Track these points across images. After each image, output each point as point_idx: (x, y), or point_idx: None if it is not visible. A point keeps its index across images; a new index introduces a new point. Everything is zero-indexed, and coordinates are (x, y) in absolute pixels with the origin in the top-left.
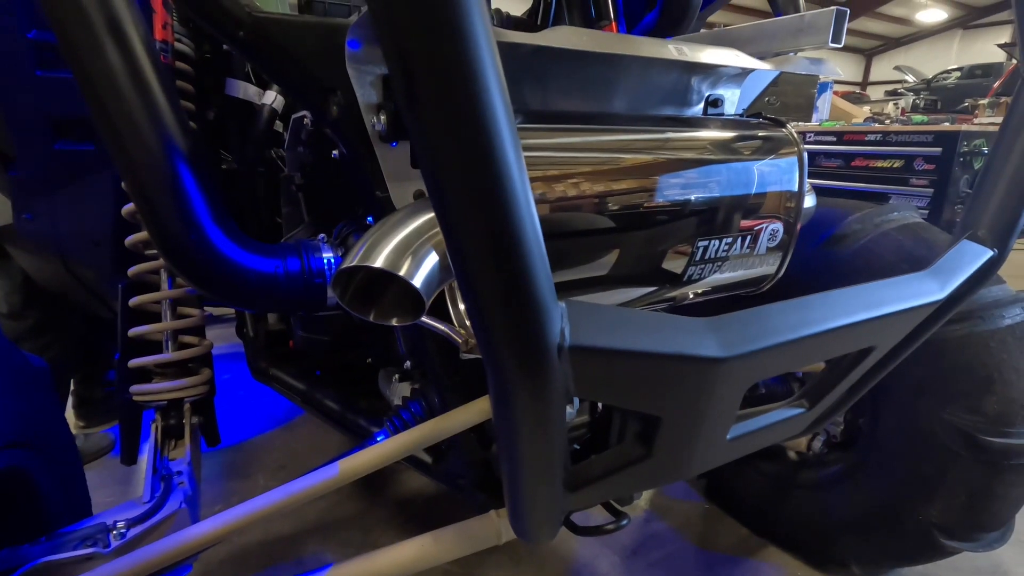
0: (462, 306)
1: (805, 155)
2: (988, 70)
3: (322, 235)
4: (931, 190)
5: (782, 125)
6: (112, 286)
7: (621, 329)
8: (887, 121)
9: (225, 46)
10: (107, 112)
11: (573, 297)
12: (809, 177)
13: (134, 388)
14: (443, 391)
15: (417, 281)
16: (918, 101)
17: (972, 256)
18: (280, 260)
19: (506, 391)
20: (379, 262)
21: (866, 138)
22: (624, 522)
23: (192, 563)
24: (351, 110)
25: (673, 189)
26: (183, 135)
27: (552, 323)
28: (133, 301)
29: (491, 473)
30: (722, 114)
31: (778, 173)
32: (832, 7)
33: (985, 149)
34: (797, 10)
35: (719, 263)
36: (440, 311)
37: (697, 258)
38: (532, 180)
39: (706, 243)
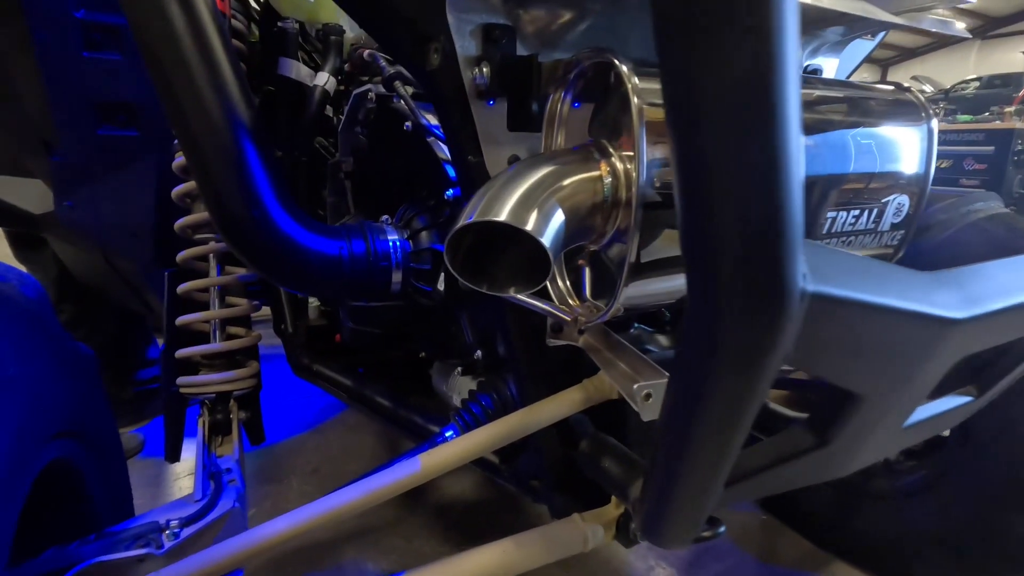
0: (561, 284)
1: (936, 124)
2: (1008, 80)
3: (385, 216)
4: (982, 191)
5: (907, 90)
6: (150, 278)
7: (863, 277)
8: None
9: (279, 23)
10: (169, 77)
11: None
12: None
13: (181, 380)
14: (524, 382)
15: (546, 239)
16: (936, 111)
17: None
18: (344, 241)
19: (712, 347)
20: (504, 215)
21: None
22: (721, 529)
23: (243, 569)
24: (449, 63)
25: (809, 153)
26: (247, 107)
27: (797, 260)
28: (182, 288)
29: (574, 473)
30: None
31: (907, 142)
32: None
33: None
34: None
35: (844, 237)
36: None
37: (823, 231)
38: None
39: (834, 215)
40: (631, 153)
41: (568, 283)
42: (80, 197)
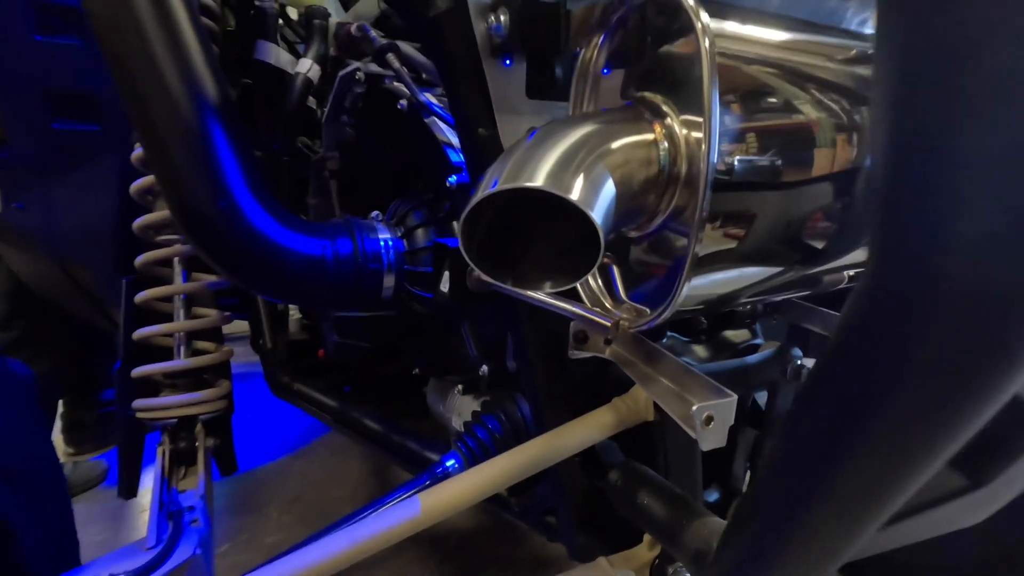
0: (594, 281)
1: None
2: None
3: (375, 212)
4: None
5: None
6: (112, 289)
7: None
8: None
9: (257, 3)
10: (117, 40)
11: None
12: None
13: (137, 403)
14: (543, 402)
15: (597, 214)
16: None
17: None
18: (328, 240)
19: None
20: (540, 180)
21: None
22: None
23: None
24: (458, 7)
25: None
26: (214, 83)
27: None
28: (139, 296)
29: (598, 508)
30: None
31: None
32: None
33: None
34: None
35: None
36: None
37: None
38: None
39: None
40: (695, 118)
41: (600, 281)
42: (32, 198)
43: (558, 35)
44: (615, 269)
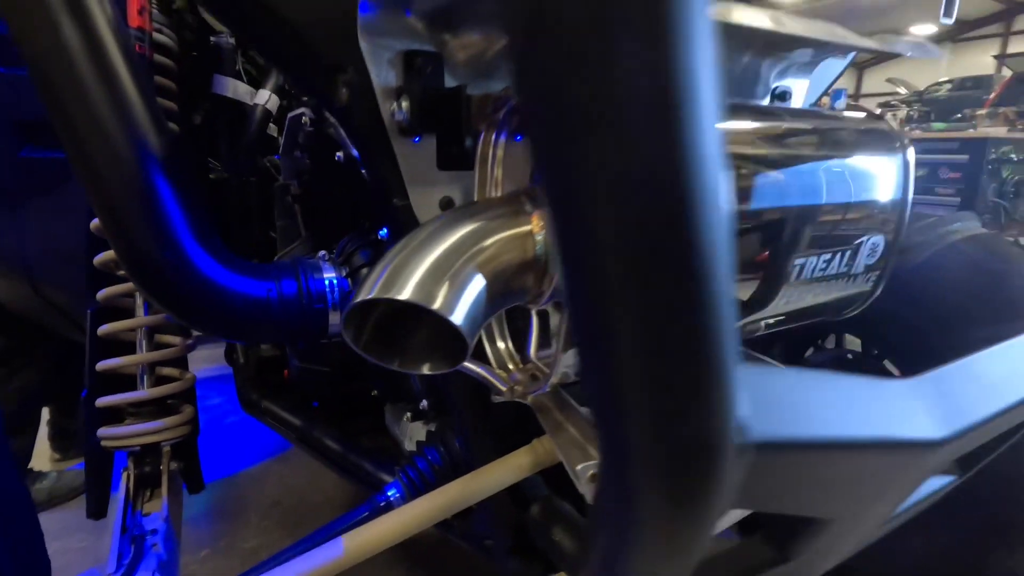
0: (501, 344)
1: (912, 154)
2: (979, 82)
3: (322, 252)
4: (958, 199)
5: (881, 118)
6: (86, 310)
7: (821, 405)
8: (907, 128)
9: (212, 39)
10: (61, 101)
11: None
12: None
13: (102, 431)
14: (470, 441)
15: (458, 317)
16: (912, 113)
17: None
18: (273, 282)
19: (626, 537)
20: (406, 293)
21: None
22: None
23: None
24: (364, 96)
25: (768, 194)
26: (157, 133)
27: (731, 409)
28: (103, 329)
29: (527, 538)
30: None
31: (882, 176)
32: None
33: (1014, 156)
34: None
35: (814, 284)
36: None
37: (793, 279)
38: None
39: (803, 260)
40: None
41: (509, 343)
42: (2, 224)
43: (460, 118)
44: (534, 329)
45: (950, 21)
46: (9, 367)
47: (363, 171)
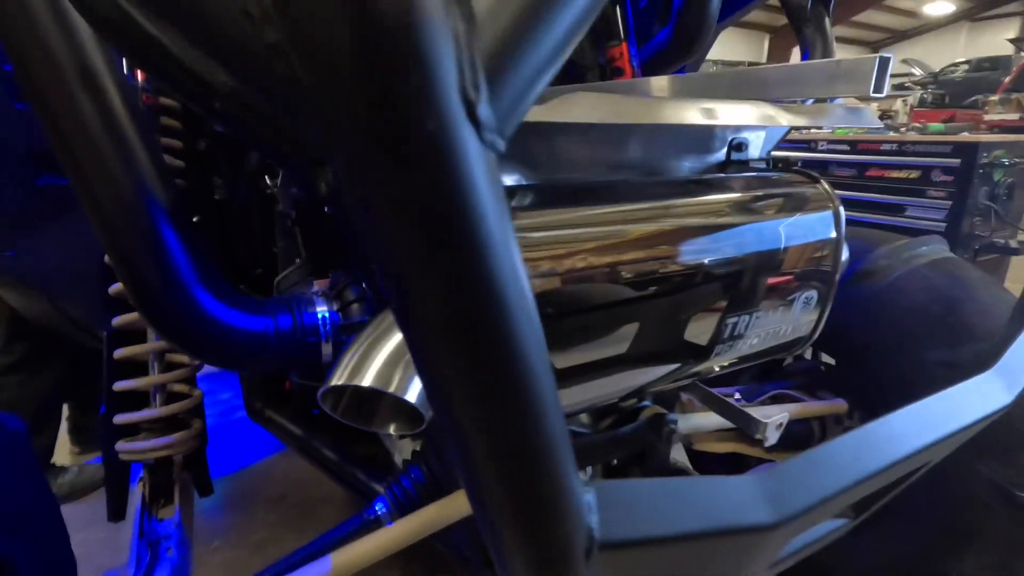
0: None
1: (842, 213)
2: (996, 63)
3: (316, 288)
4: (949, 202)
5: (816, 180)
6: (101, 321)
7: (660, 509)
8: (901, 129)
9: None
10: (80, 167)
11: (598, 380)
12: None
13: (119, 446)
14: (445, 462)
15: (412, 395)
16: (925, 95)
17: None
18: (270, 318)
19: None
20: (368, 380)
21: (881, 147)
22: None
23: None
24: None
25: (694, 263)
26: (163, 188)
27: (579, 518)
28: (118, 353)
29: None
30: (747, 159)
31: (813, 236)
32: (875, 55)
33: (1006, 160)
34: (827, 51)
35: (748, 337)
36: None
37: (724, 336)
38: (539, 259)
39: (735, 319)
40: None
41: None
42: (21, 246)
43: None
44: None
45: (881, 95)
46: (30, 371)
47: None
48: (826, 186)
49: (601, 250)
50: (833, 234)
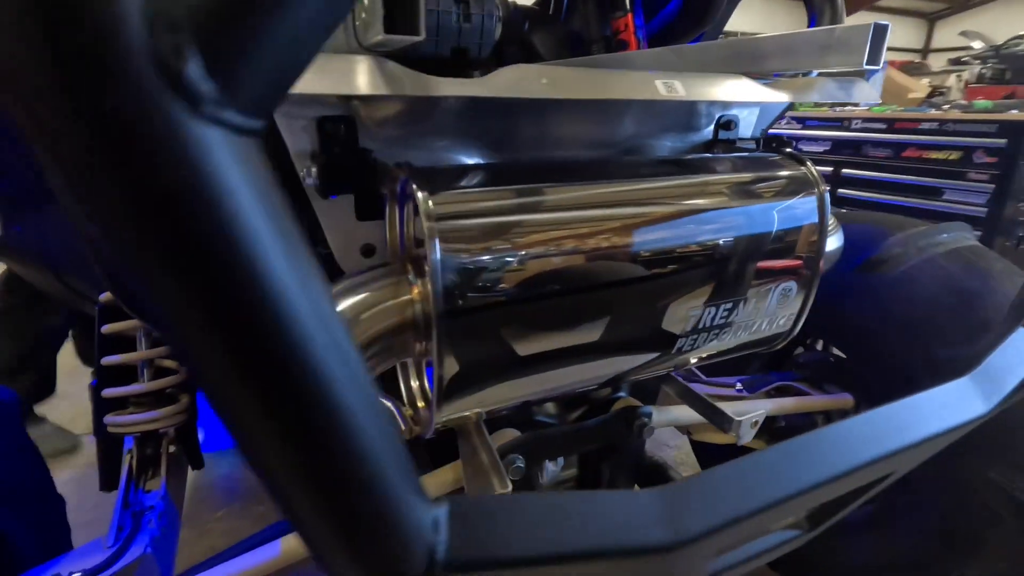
0: (415, 383)
1: (827, 198)
2: None
3: None
4: (992, 186)
5: (800, 162)
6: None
7: (528, 527)
8: (946, 107)
9: None
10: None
11: (560, 368)
12: (855, 168)
13: (108, 419)
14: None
15: None
16: (984, 71)
17: None
18: None
19: None
20: None
21: (920, 126)
22: None
23: None
24: (281, 161)
25: (656, 248)
26: None
27: (415, 537)
28: (106, 328)
29: None
30: (734, 138)
31: (793, 223)
32: (870, 22)
33: None
34: (836, 18)
35: (718, 330)
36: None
37: (689, 328)
38: (516, 243)
39: (701, 311)
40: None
41: (422, 383)
42: (27, 223)
43: (372, 177)
44: (415, 375)
45: (876, 67)
46: (40, 309)
47: None
48: (811, 169)
49: (550, 233)
50: (815, 221)
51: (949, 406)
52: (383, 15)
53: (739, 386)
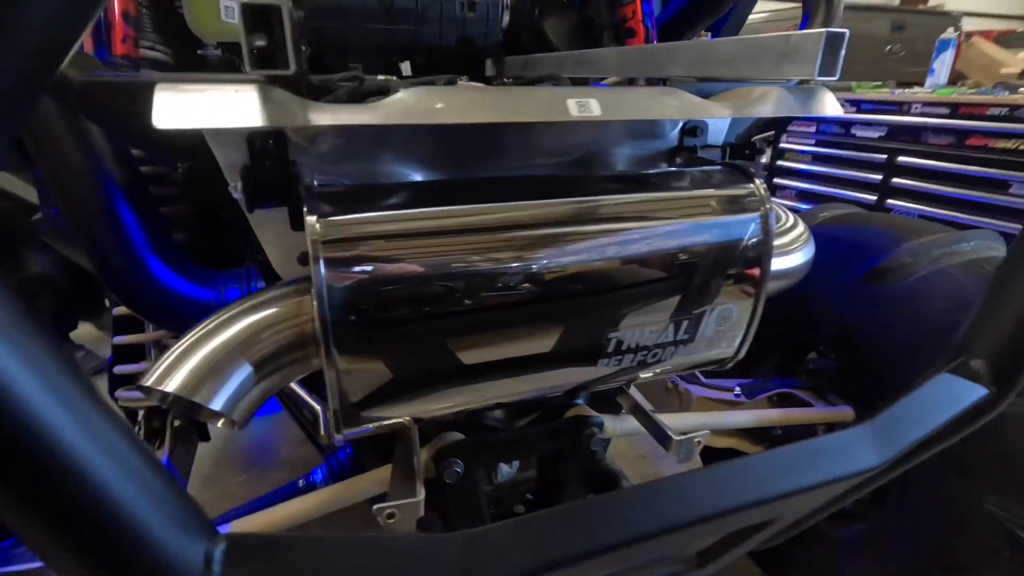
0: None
1: (772, 217)
2: None
3: None
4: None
5: (749, 178)
6: None
7: (307, 571)
8: (1021, 90)
9: (199, 51)
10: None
11: (455, 386)
12: (913, 156)
13: (118, 394)
14: (357, 447)
15: (218, 403)
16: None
17: (951, 397)
18: (219, 288)
19: None
20: (174, 386)
21: (988, 111)
22: None
23: None
24: (213, 175)
25: (576, 266)
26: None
27: (177, 572)
28: (116, 311)
29: None
30: (696, 146)
31: (730, 241)
32: (822, 30)
33: None
34: (828, 21)
35: (645, 352)
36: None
37: (610, 350)
38: (403, 268)
39: (616, 335)
40: None
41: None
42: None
43: (295, 196)
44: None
45: (832, 78)
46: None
47: None
48: (758, 185)
49: (443, 255)
50: (756, 241)
51: (841, 455)
52: (248, 54)
53: (737, 390)
